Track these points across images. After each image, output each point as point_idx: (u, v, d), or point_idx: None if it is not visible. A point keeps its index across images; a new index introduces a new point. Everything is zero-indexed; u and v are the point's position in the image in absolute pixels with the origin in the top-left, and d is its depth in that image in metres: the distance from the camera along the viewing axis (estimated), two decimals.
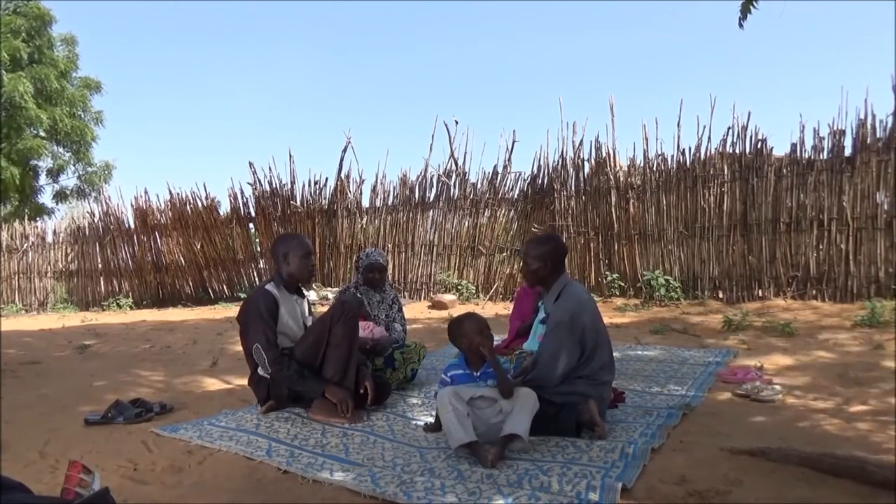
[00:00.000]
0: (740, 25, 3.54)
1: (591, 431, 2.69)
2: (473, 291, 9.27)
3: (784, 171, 7.55)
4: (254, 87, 62.80)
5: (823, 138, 7.36)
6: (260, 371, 3.14)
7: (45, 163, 16.85)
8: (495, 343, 2.95)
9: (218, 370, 4.63)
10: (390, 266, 9.44)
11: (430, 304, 8.81)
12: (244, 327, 3.19)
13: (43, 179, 17.56)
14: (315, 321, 3.29)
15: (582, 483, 2.12)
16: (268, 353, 3.05)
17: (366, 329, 3.67)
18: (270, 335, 3.08)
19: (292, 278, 3.28)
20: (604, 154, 8.62)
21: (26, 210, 16.71)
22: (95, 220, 12.33)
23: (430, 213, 9.82)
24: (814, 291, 7.33)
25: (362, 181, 10.36)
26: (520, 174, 9.32)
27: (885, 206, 7.00)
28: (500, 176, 9.38)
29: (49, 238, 12.89)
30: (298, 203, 10.53)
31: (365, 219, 10.29)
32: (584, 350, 2.79)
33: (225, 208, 11.21)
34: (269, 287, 3.20)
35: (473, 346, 2.70)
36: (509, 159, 9.30)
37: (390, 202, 10.08)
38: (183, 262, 11.57)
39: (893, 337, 4.92)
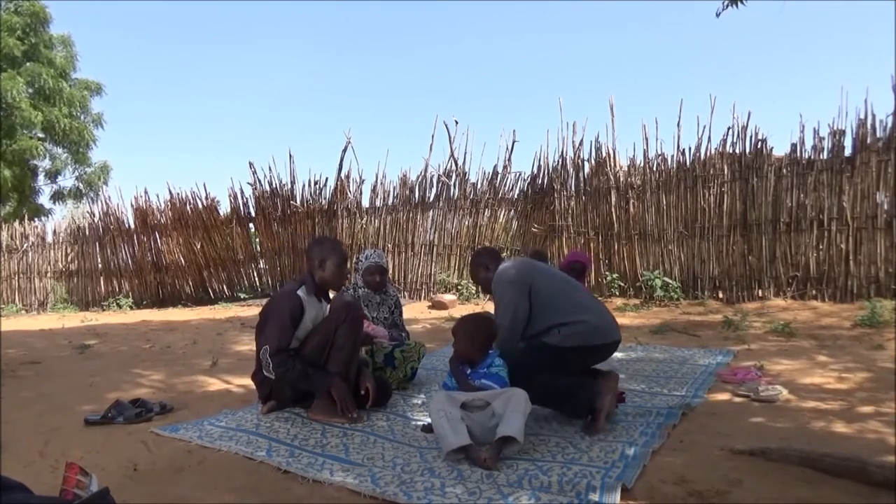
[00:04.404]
0: (718, 15, 3.50)
1: (591, 416, 2.76)
2: (473, 291, 9.27)
3: (784, 171, 7.56)
4: (254, 87, 62.89)
5: (823, 138, 7.36)
6: (264, 371, 3.14)
7: (43, 163, 16.85)
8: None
9: (218, 370, 4.63)
10: (390, 266, 9.44)
11: (430, 304, 8.82)
12: (262, 323, 3.17)
13: (41, 180, 17.58)
14: (321, 322, 3.27)
15: (582, 483, 2.12)
16: (274, 357, 3.03)
17: (367, 328, 3.67)
18: (283, 340, 3.05)
19: (324, 284, 3.24)
20: (604, 154, 8.63)
21: (24, 211, 16.70)
22: (95, 220, 12.32)
23: (430, 213, 9.83)
24: (814, 291, 7.34)
25: (362, 181, 10.38)
26: (520, 174, 9.34)
27: (885, 206, 7.01)
28: (500, 176, 9.39)
29: (49, 238, 12.88)
30: (298, 203, 10.52)
31: (365, 219, 10.29)
32: (542, 298, 2.90)
33: (225, 208, 11.23)
34: (301, 292, 3.13)
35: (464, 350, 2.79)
36: (509, 159, 9.33)
37: (390, 202, 10.08)
38: (183, 262, 11.57)
39: (893, 337, 4.92)
